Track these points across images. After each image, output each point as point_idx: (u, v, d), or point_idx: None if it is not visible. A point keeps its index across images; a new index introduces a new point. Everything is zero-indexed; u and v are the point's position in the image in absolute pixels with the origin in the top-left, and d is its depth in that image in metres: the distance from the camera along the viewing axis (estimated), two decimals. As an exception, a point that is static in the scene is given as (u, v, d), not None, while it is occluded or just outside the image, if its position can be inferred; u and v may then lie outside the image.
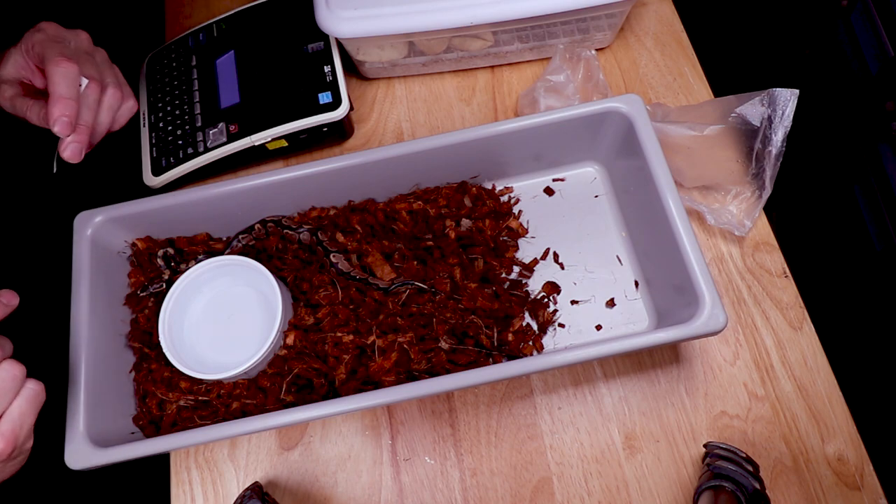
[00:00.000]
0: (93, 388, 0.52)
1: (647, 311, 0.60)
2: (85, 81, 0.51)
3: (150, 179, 0.67)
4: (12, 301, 0.44)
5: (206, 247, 0.62)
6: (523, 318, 0.60)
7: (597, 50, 0.74)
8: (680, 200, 0.55)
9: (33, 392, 0.42)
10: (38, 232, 0.66)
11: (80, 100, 0.50)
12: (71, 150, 0.50)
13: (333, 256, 0.59)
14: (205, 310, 0.60)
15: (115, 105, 0.54)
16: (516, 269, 0.62)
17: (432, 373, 0.55)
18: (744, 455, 0.53)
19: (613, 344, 0.51)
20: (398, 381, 0.54)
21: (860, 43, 0.99)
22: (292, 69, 0.67)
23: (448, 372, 0.55)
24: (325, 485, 0.58)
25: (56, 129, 0.49)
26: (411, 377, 0.55)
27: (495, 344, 0.57)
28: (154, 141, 0.68)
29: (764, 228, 0.65)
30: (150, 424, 0.55)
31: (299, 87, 0.66)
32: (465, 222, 0.62)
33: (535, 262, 0.63)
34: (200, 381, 0.56)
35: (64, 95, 0.49)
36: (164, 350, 0.55)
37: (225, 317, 0.60)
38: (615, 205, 0.65)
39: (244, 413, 0.55)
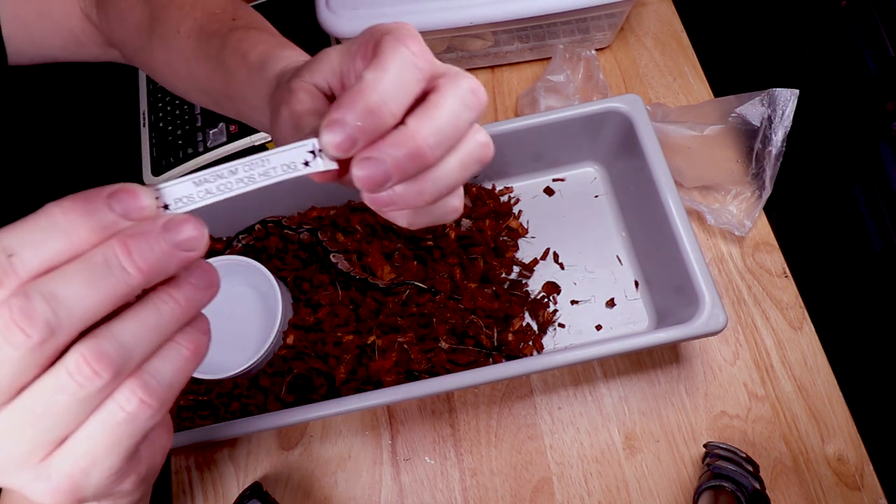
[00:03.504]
0: (93, 388, 0.52)
1: (647, 311, 0.60)
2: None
3: (150, 179, 0.67)
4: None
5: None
6: (523, 318, 0.60)
7: (597, 50, 0.74)
8: (680, 200, 0.55)
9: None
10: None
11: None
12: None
13: (333, 256, 0.59)
14: (205, 310, 0.60)
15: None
16: (516, 269, 0.62)
17: (432, 373, 0.55)
18: (744, 455, 0.53)
19: (613, 344, 0.51)
20: (398, 381, 0.55)
21: (860, 43, 0.99)
22: (292, 69, 0.67)
23: (448, 372, 0.55)
24: (325, 485, 0.58)
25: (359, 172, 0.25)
26: (411, 377, 0.55)
27: (495, 344, 0.57)
28: (154, 141, 0.68)
29: (764, 228, 0.65)
30: (150, 424, 0.55)
31: (299, 87, 0.66)
32: (465, 222, 0.62)
33: (535, 262, 0.63)
34: (200, 381, 0.56)
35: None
36: (164, 350, 0.55)
37: (225, 317, 0.60)
38: (615, 205, 0.65)
39: (244, 413, 0.55)
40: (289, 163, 0.24)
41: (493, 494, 0.56)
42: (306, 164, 0.25)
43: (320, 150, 0.25)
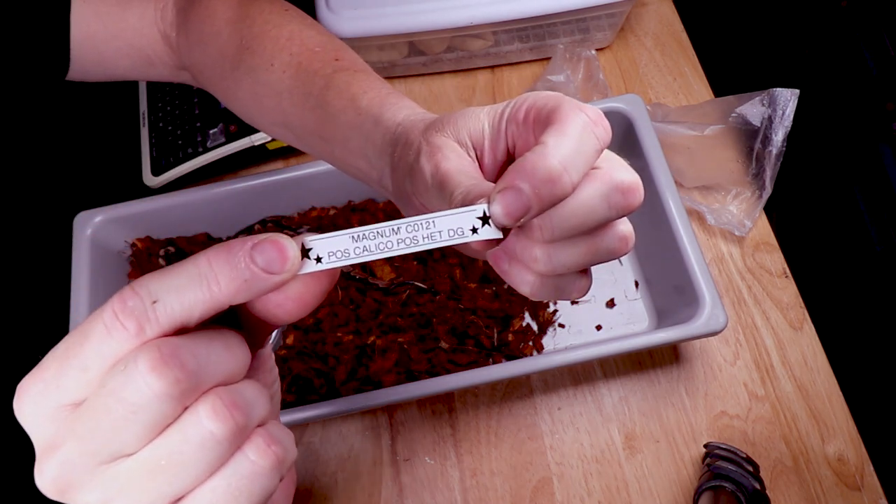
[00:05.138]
0: (93, 388, 0.52)
1: (647, 311, 0.60)
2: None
3: (150, 179, 0.67)
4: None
5: (205, 247, 0.62)
6: (523, 318, 0.60)
7: (597, 50, 0.74)
8: (680, 200, 0.55)
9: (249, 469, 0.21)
10: (38, 232, 0.66)
11: None
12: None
13: (333, 256, 0.59)
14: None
15: None
16: (516, 269, 0.62)
17: (432, 373, 0.55)
18: (744, 455, 0.53)
19: (613, 344, 0.51)
20: (398, 381, 0.55)
21: (860, 43, 0.99)
22: (292, 69, 0.67)
23: (448, 372, 0.55)
24: (325, 485, 0.58)
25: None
26: (411, 377, 0.55)
27: (495, 344, 0.57)
28: (154, 141, 0.68)
29: (764, 228, 0.65)
30: (150, 424, 0.55)
31: (299, 87, 0.66)
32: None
33: (535, 262, 0.63)
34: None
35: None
36: (164, 350, 0.55)
37: (225, 317, 0.60)
38: (615, 205, 0.65)
39: (244, 413, 0.55)
40: (456, 228, 0.23)
41: (493, 495, 0.56)
42: (474, 230, 0.23)
43: (488, 217, 0.24)
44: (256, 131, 0.65)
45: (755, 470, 0.52)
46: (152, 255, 0.61)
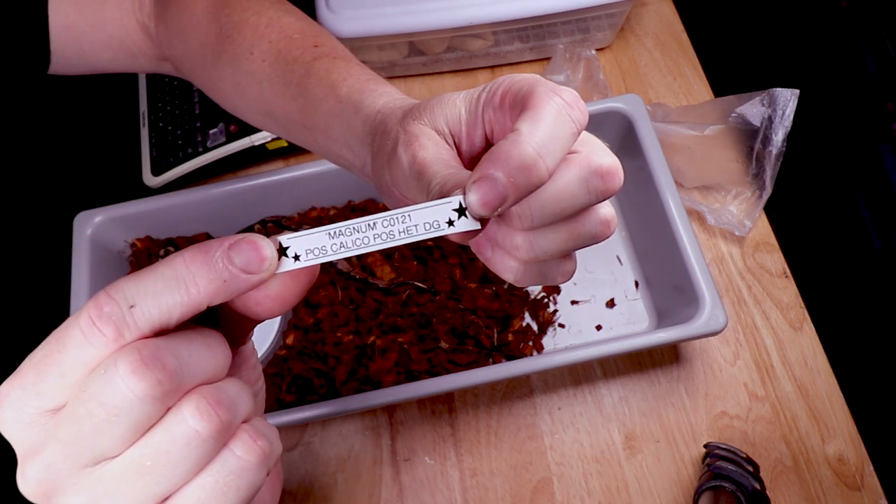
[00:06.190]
0: (93, 388, 0.52)
1: (647, 311, 0.60)
2: None
3: (150, 179, 0.67)
4: None
5: (205, 247, 0.62)
6: (523, 318, 0.60)
7: (597, 50, 0.74)
8: (680, 200, 0.55)
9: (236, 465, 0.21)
10: (38, 232, 0.66)
11: None
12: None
13: (333, 256, 0.59)
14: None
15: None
16: (516, 269, 0.62)
17: (432, 373, 0.55)
18: (744, 455, 0.53)
19: (613, 344, 0.51)
20: (398, 382, 0.55)
21: (860, 43, 0.99)
22: (292, 69, 0.67)
23: (448, 372, 0.55)
24: (324, 485, 0.58)
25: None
26: (411, 377, 0.55)
27: (495, 344, 0.57)
28: (154, 141, 0.68)
29: (764, 228, 0.65)
30: (150, 424, 0.55)
31: (299, 87, 0.66)
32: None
33: (535, 262, 0.63)
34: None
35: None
36: (164, 350, 0.55)
37: (225, 317, 0.60)
38: (615, 205, 0.65)
39: (244, 413, 0.55)
40: (432, 221, 0.23)
41: (493, 495, 0.56)
42: (450, 223, 0.23)
43: (465, 208, 0.23)
44: (257, 131, 0.65)
45: (755, 470, 0.52)
46: (152, 255, 0.61)
